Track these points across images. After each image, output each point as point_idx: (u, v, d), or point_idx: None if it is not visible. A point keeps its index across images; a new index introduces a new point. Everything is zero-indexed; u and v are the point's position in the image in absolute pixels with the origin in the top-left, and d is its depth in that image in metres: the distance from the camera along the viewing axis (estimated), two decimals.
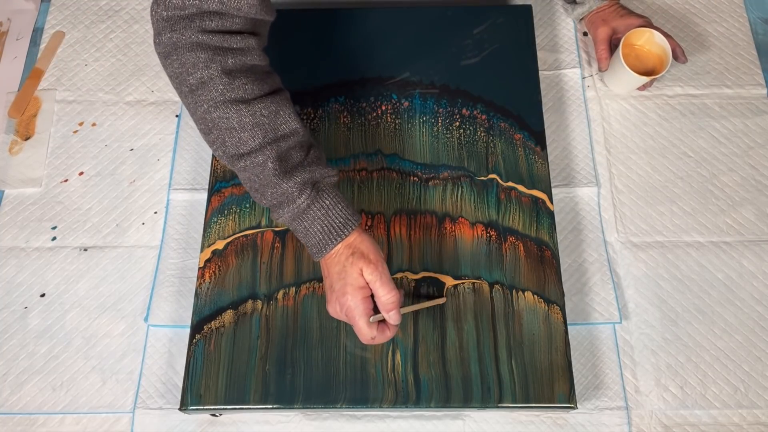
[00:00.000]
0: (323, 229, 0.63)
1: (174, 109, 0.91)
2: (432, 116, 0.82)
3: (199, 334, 0.71)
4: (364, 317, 0.62)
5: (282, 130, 0.62)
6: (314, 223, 0.63)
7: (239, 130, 0.60)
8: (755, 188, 0.85)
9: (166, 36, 0.59)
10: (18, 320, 0.79)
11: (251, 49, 0.61)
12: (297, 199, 0.62)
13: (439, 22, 0.88)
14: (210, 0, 0.57)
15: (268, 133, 0.61)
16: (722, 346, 0.77)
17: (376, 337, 0.63)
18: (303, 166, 0.63)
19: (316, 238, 0.63)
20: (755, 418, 0.74)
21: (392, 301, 0.62)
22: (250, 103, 0.60)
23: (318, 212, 0.63)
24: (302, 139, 0.64)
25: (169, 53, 0.60)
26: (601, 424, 0.74)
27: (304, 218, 0.63)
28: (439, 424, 0.74)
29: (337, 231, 0.63)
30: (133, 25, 0.97)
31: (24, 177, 0.87)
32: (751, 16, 0.97)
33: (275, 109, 0.62)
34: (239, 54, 0.60)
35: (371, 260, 0.62)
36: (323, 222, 0.63)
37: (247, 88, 0.60)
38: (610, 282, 0.80)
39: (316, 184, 0.63)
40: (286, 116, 0.62)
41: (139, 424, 0.74)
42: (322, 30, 0.87)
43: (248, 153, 0.61)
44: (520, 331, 0.71)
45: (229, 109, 0.60)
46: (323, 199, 0.63)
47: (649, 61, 0.88)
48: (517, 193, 0.78)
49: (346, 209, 0.64)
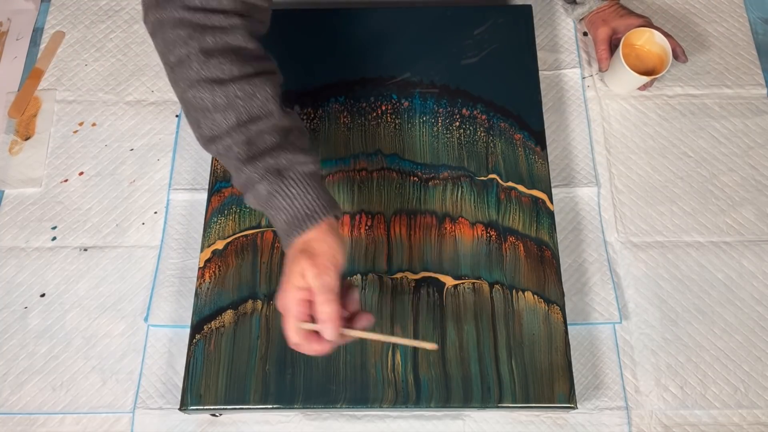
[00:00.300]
0: (287, 219, 0.60)
1: (174, 109, 0.91)
2: (432, 116, 0.82)
3: (199, 334, 0.71)
4: (292, 320, 0.57)
5: (255, 113, 0.60)
6: (279, 212, 0.60)
7: (213, 111, 0.59)
8: (755, 188, 0.85)
9: (152, 13, 0.59)
10: (18, 320, 0.79)
11: (235, 29, 0.60)
12: (257, 185, 0.60)
13: (439, 22, 0.88)
14: None
15: (241, 115, 0.59)
16: (722, 346, 0.77)
17: (301, 346, 0.58)
18: (271, 152, 0.60)
19: (281, 228, 0.60)
20: (755, 418, 0.74)
21: (327, 314, 0.56)
22: (225, 83, 0.59)
23: (282, 201, 0.60)
24: (278, 123, 0.61)
25: (155, 31, 0.60)
26: (601, 424, 0.74)
27: (269, 206, 0.60)
28: (439, 424, 0.74)
29: (299, 223, 0.59)
30: (133, 25, 0.97)
31: (24, 177, 0.87)
32: (751, 16, 0.97)
33: (252, 91, 0.60)
34: (220, 33, 0.59)
35: (318, 264, 0.57)
36: (288, 212, 0.60)
37: (224, 68, 0.59)
38: (610, 282, 0.80)
39: (283, 171, 0.60)
40: (264, 99, 0.60)
41: (139, 424, 0.74)
42: (322, 30, 0.87)
43: (219, 136, 0.60)
44: (520, 331, 0.71)
45: (204, 89, 0.59)
46: (289, 188, 0.60)
47: (649, 60, 0.88)
48: (517, 193, 0.78)
49: (315, 201, 0.60)
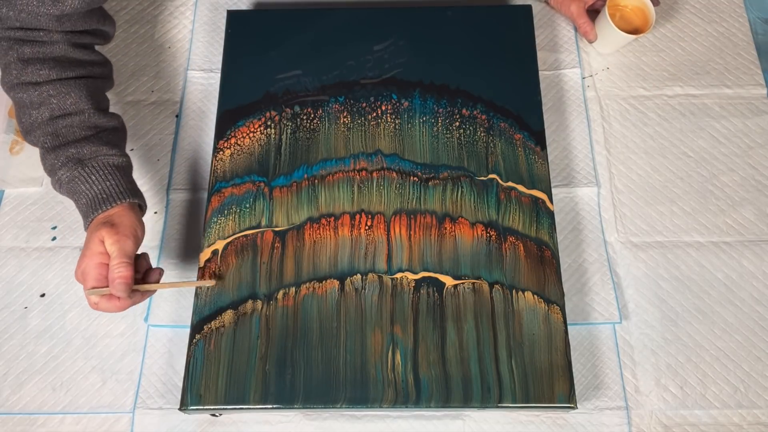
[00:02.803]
0: (87, 202, 0.68)
1: (174, 110, 0.91)
2: (432, 116, 0.82)
3: (199, 334, 0.71)
4: (91, 283, 0.65)
5: (67, 110, 0.70)
6: (80, 197, 0.69)
7: (29, 108, 0.70)
8: (755, 188, 0.85)
9: None
10: (18, 320, 0.79)
11: (55, 43, 0.71)
12: (59, 171, 0.69)
13: (439, 22, 0.88)
14: (9, 12, 0.69)
15: (54, 111, 0.70)
16: (722, 346, 0.77)
17: (100, 305, 0.65)
18: (75, 144, 0.69)
19: (83, 211, 0.69)
20: (755, 418, 0.74)
21: (119, 273, 0.64)
22: (40, 85, 0.70)
23: (81, 186, 0.68)
24: (89, 120, 0.71)
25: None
26: (601, 424, 0.74)
27: (70, 191, 0.69)
28: (439, 424, 0.74)
29: (99, 204, 0.68)
30: (134, 26, 0.97)
31: (24, 176, 0.87)
32: (751, 16, 0.97)
33: (66, 91, 0.70)
34: (39, 46, 0.70)
35: (118, 232, 0.66)
36: (87, 196, 0.68)
37: (41, 73, 0.70)
38: (610, 282, 0.80)
39: (85, 160, 0.69)
40: (77, 98, 0.70)
41: (139, 424, 0.74)
42: (322, 30, 0.87)
43: (33, 129, 0.70)
44: (520, 331, 0.71)
45: (22, 90, 0.70)
46: (90, 175, 0.69)
47: (633, 19, 0.91)
48: (517, 193, 0.78)
49: (115, 187, 0.69)
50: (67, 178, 0.69)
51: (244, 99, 0.83)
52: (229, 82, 0.85)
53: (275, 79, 0.84)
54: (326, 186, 0.78)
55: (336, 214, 0.77)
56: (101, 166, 0.70)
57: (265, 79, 0.84)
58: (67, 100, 0.70)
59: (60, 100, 0.70)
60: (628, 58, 0.94)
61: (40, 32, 0.71)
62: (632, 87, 0.91)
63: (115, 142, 0.73)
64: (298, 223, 0.76)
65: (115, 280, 0.64)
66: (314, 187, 0.78)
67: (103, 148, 0.70)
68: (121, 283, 0.64)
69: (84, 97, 0.71)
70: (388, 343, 0.70)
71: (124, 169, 0.72)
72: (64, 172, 0.69)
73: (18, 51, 0.70)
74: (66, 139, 0.70)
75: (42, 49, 0.71)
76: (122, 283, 0.64)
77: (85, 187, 0.68)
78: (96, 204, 0.68)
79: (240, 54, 0.86)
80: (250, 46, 0.86)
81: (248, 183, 0.79)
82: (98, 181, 0.69)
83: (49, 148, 0.70)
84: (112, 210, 0.68)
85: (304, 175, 0.79)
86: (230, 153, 0.80)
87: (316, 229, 0.76)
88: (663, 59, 0.93)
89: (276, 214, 0.77)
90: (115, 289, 0.64)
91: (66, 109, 0.70)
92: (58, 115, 0.70)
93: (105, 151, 0.70)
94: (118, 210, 0.68)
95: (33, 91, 0.70)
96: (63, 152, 0.69)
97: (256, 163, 0.80)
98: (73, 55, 0.72)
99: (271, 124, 0.82)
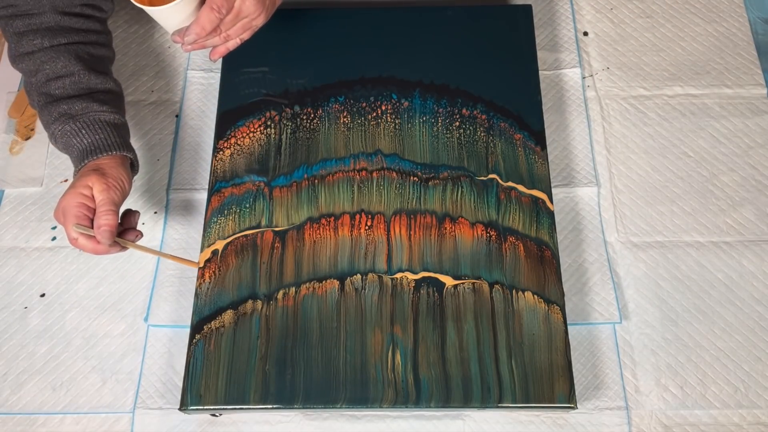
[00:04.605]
0: (79, 153, 0.71)
1: (174, 109, 0.91)
2: (432, 116, 0.82)
3: (199, 334, 0.71)
4: (72, 219, 0.67)
5: (59, 73, 0.73)
6: (72, 149, 0.72)
7: (28, 75, 0.74)
8: (755, 188, 0.85)
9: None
10: (18, 320, 0.79)
11: (44, 14, 0.73)
12: (52, 126, 0.72)
13: (439, 22, 0.88)
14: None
15: (47, 75, 0.73)
16: (722, 346, 0.77)
17: (79, 241, 0.67)
18: (66, 101, 0.72)
19: (74, 161, 0.72)
20: (755, 418, 0.74)
21: (105, 221, 0.66)
22: (33, 54, 0.73)
23: (73, 140, 0.71)
24: (81, 81, 0.73)
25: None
26: (601, 424, 0.74)
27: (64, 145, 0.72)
28: (439, 424, 0.74)
29: (90, 153, 0.70)
30: (133, 26, 0.97)
31: (24, 176, 0.87)
32: (751, 16, 0.97)
33: (56, 56, 0.73)
34: (29, 18, 0.73)
35: (107, 181, 0.68)
36: (79, 148, 0.71)
37: (34, 43, 0.73)
38: (610, 282, 0.80)
39: (76, 116, 0.72)
40: (66, 61, 0.73)
41: (139, 424, 0.74)
42: (322, 30, 0.87)
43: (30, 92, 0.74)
44: (520, 331, 0.71)
45: (21, 61, 0.74)
46: (80, 129, 0.71)
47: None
48: (517, 193, 0.78)
49: (106, 139, 0.71)
50: (59, 132, 0.72)
51: (244, 99, 0.84)
52: (229, 82, 0.85)
53: (275, 79, 0.85)
54: (326, 186, 0.78)
55: (336, 214, 0.77)
56: (92, 122, 0.72)
57: (265, 79, 0.85)
58: (57, 64, 0.73)
59: (51, 65, 0.73)
60: (628, 58, 0.94)
61: (29, 4, 0.73)
62: (632, 87, 0.92)
63: (107, 102, 0.75)
64: (298, 223, 0.76)
65: (101, 227, 0.66)
66: (314, 187, 0.78)
67: (93, 105, 0.73)
68: (106, 230, 0.66)
69: (74, 60, 0.73)
70: (388, 343, 0.70)
71: (116, 126, 0.74)
72: (57, 126, 0.72)
73: (12, 26, 0.74)
74: (57, 96, 0.73)
75: (32, 21, 0.73)
76: (107, 231, 0.66)
77: (77, 140, 0.71)
78: (86, 153, 0.70)
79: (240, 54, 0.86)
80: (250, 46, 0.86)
81: (248, 183, 0.79)
82: (89, 134, 0.71)
83: (43, 105, 0.73)
84: (102, 159, 0.70)
85: (304, 175, 0.79)
86: (230, 153, 0.80)
87: (316, 229, 0.76)
88: (663, 59, 0.93)
89: (276, 214, 0.77)
90: (100, 236, 0.66)
91: (58, 72, 0.73)
92: (51, 78, 0.73)
93: (96, 108, 0.73)
94: (108, 161, 0.71)
95: (29, 60, 0.73)
96: (55, 108, 0.72)
97: (256, 163, 0.80)
98: (65, 23, 0.74)
99: (271, 124, 0.82)
